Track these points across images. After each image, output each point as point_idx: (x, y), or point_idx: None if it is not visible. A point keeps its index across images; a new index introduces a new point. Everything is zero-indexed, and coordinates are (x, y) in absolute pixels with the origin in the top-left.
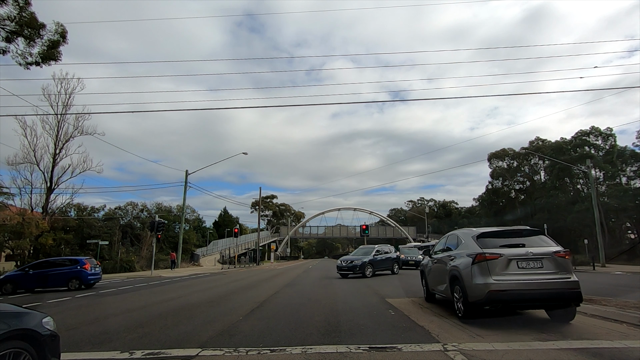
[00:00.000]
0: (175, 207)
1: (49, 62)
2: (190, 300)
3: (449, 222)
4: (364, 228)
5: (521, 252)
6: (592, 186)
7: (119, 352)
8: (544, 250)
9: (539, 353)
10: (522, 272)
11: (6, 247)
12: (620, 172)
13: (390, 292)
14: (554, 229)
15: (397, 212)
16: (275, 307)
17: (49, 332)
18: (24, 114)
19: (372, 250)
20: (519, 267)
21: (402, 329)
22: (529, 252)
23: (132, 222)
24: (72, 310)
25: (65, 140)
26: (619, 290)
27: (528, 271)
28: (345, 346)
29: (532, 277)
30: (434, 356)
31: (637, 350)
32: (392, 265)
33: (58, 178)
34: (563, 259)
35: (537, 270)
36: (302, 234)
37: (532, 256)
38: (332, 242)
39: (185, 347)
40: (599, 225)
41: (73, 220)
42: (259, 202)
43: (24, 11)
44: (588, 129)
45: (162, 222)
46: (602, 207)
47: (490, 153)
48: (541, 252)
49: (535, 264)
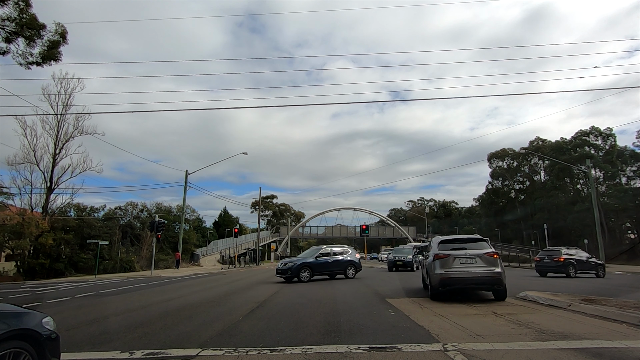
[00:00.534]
0: (175, 207)
1: (49, 62)
2: (190, 300)
3: (449, 222)
4: (363, 228)
5: (461, 253)
6: (592, 186)
7: (119, 352)
8: (477, 252)
9: (539, 353)
10: (462, 266)
11: (6, 247)
12: (620, 172)
13: (390, 292)
14: (554, 229)
15: (397, 212)
16: (275, 307)
17: (49, 332)
18: (24, 114)
19: (317, 252)
20: (460, 263)
21: (402, 329)
22: (467, 253)
23: (132, 222)
24: (72, 310)
25: (65, 140)
26: (619, 290)
27: (466, 265)
28: (345, 346)
29: (468, 269)
30: (434, 356)
31: (637, 350)
32: (346, 268)
33: (58, 178)
34: (491, 257)
35: (471, 265)
36: (302, 234)
37: (469, 256)
38: (332, 242)
39: (185, 347)
40: (599, 225)
41: (73, 220)
42: (259, 202)
43: (24, 12)
44: (588, 129)
45: (162, 222)
46: (602, 207)
47: (490, 153)
48: (475, 253)
49: (470, 261)
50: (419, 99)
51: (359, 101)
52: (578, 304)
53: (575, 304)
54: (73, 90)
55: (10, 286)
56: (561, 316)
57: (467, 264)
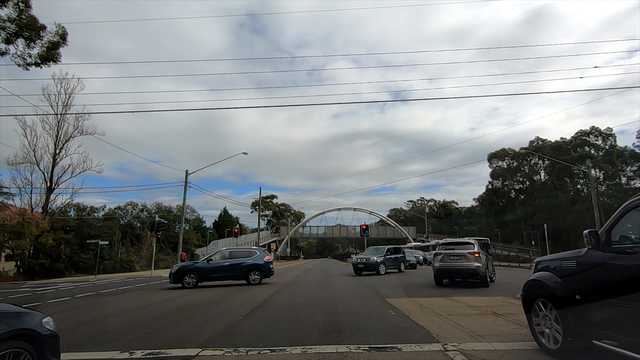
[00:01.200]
0: (175, 207)
1: (48, 64)
2: (190, 300)
3: (449, 222)
4: (364, 228)
5: (450, 252)
6: (592, 186)
7: (119, 352)
8: (463, 251)
9: (539, 353)
10: (451, 261)
11: (6, 247)
12: (620, 172)
13: (390, 292)
14: (554, 229)
15: (397, 212)
16: (275, 307)
17: (49, 332)
18: (24, 114)
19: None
20: (450, 259)
21: (402, 328)
22: (455, 252)
23: (132, 222)
24: (72, 310)
25: (65, 140)
26: None
27: (454, 261)
28: (345, 346)
29: (455, 264)
30: (434, 356)
31: None
32: (247, 273)
33: (58, 178)
34: (473, 256)
35: (458, 261)
36: (302, 234)
37: (455, 254)
38: (332, 242)
39: (185, 347)
40: (599, 225)
41: (73, 220)
42: (259, 202)
43: (24, 13)
44: (588, 129)
45: (162, 222)
46: (602, 207)
47: (490, 153)
48: (461, 252)
49: (457, 258)
50: (419, 99)
51: (360, 101)
52: None
53: None
54: (73, 90)
55: (10, 286)
56: None
57: (454, 260)
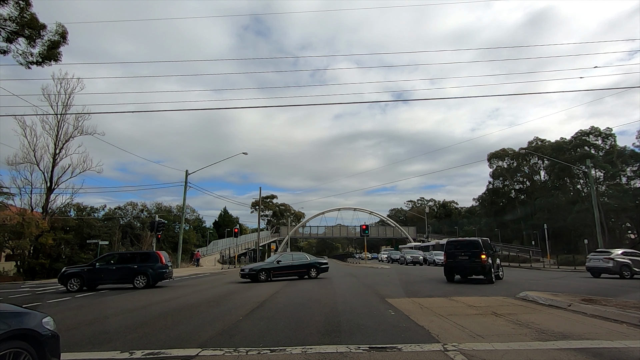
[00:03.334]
0: (175, 207)
1: (49, 62)
2: (190, 300)
3: (449, 222)
4: (364, 228)
5: (459, 250)
6: (592, 186)
7: (119, 352)
8: (471, 249)
9: (539, 353)
10: (459, 258)
11: (6, 247)
12: (620, 172)
13: (390, 292)
14: (554, 229)
15: (397, 212)
16: (275, 307)
17: (49, 332)
18: (23, 114)
19: None
20: (459, 256)
21: (402, 329)
22: (463, 250)
23: (132, 222)
24: (72, 310)
25: (65, 140)
26: (619, 291)
27: (461, 258)
28: (345, 346)
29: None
30: (434, 356)
31: (637, 350)
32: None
33: (58, 178)
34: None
35: (464, 258)
36: (302, 234)
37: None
38: (332, 242)
39: (185, 347)
40: (599, 225)
41: (73, 220)
42: (259, 202)
43: (24, 12)
44: (588, 129)
45: (162, 222)
46: (602, 207)
47: (490, 153)
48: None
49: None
50: (421, 99)
51: (362, 101)
52: (578, 304)
53: (576, 304)
54: (73, 90)
55: (10, 286)
56: (561, 316)
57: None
